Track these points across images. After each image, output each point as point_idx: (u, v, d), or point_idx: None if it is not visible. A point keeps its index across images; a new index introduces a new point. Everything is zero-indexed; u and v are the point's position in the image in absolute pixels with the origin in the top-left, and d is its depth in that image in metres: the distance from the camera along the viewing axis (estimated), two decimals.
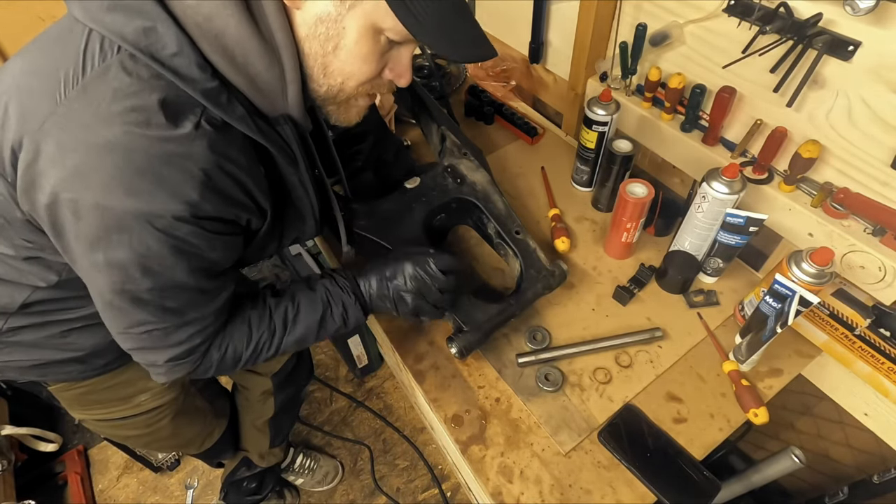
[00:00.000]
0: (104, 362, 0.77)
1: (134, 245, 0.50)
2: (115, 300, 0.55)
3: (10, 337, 0.68)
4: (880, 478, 0.86)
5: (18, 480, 1.39)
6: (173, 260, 0.52)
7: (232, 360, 0.67)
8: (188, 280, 0.55)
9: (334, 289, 0.72)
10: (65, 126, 0.47)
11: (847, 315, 0.77)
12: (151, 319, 0.57)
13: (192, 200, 0.49)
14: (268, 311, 0.69)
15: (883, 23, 0.60)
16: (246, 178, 0.54)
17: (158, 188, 0.48)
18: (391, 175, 0.99)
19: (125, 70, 0.47)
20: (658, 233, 0.99)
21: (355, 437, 1.60)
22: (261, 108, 0.55)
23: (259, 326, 0.68)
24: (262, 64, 0.51)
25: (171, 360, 0.62)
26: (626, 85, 0.97)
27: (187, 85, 0.48)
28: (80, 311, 0.68)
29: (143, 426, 0.92)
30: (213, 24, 0.48)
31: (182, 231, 0.51)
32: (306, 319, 0.70)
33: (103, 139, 0.46)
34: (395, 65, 0.59)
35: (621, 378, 0.82)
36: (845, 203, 0.73)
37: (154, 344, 0.60)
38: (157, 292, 0.55)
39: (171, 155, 0.48)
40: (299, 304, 0.70)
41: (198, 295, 0.59)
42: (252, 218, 0.58)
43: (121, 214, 0.48)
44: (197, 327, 0.61)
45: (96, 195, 0.47)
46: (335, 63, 0.55)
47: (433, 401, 0.82)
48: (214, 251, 0.56)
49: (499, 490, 0.73)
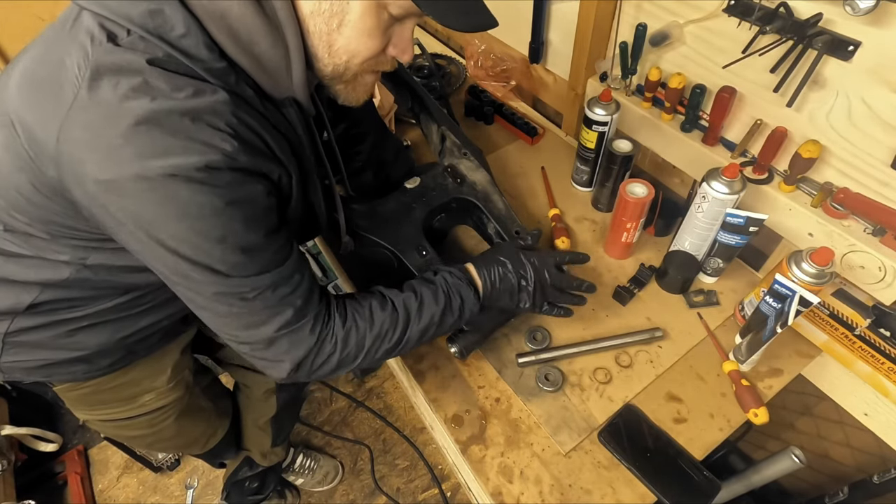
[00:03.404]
0: (109, 362, 0.77)
1: (188, 210, 0.49)
2: (195, 279, 0.54)
3: (17, 337, 0.68)
4: (880, 478, 0.86)
5: (18, 480, 1.39)
6: (228, 214, 0.51)
7: (355, 345, 0.64)
8: (251, 237, 0.54)
9: (453, 280, 0.71)
10: (87, 108, 0.47)
11: (847, 315, 0.77)
12: (238, 290, 0.55)
13: (225, 151, 0.49)
14: (388, 300, 0.67)
15: (883, 23, 0.60)
16: (267, 136, 0.54)
17: (191, 143, 0.47)
18: (391, 175, 0.99)
19: (136, 48, 0.48)
20: (658, 233, 0.99)
21: (355, 437, 1.60)
22: (266, 89, 0.55)
23: (382, 311, 0.65)
24: (266, 42, 0.52)
25: (282, 328, 0.59)
26: (626, 85, 0.97)
27: (196, 65, 0.49)
28: (87, 310, 0.68)
29: (147, 426, 0.92)
30: (218, 3, 0.49)
31: (223, 180, 0.50)
32: (430, 310, 0.68)
33: (129, 112, 0.46)
34: (399, 40, 0.59)
35: (621, 378, 0.82)
36: (845, 203, 0.73)
37: (254, 319, 0.58)
38: (228, 258, 0.53)
39: (198, 112, 0.48)
40: (422, 294, 0.68)
41: (270, 253, 0.57)
42: (282, 175, 0.57)
43: (161, 179, 0.47)
44: (287, 288, 0.58)
45: (133, 167, 0.47)
46: (340, 40, 0.55)
47: (433, 401, 0.82)
48: (260, 199, 0.54)
49: (499, 490, 0.73)
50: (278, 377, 0.63)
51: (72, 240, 0.59)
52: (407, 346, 0.68)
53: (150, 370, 0.85)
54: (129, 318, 0.72)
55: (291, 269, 0.59)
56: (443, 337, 0.85)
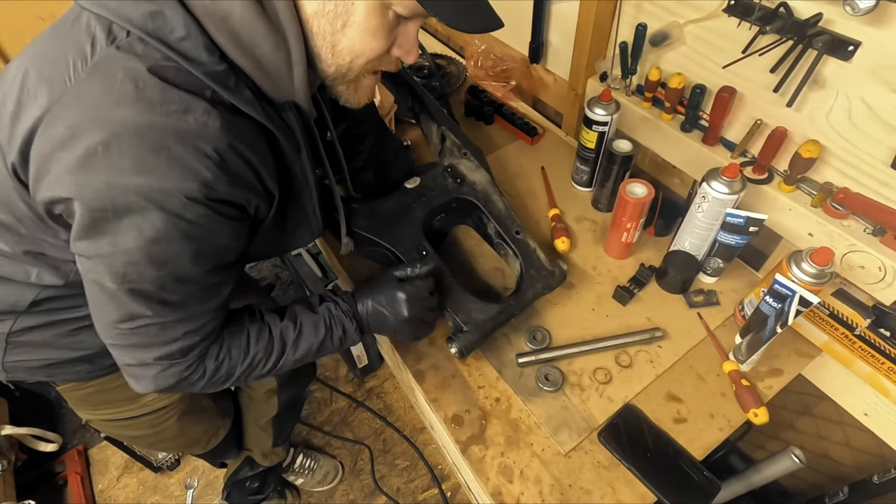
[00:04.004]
0: (112, 361, 0.76)
1: (143, 229, 0.48)
2: (115, 291, 0.53)
3: (20, 337, 0.68)
4: (880, 478, 0.86)
5: (18, 480, 1.39)
6: (181, 246, 0.51)
7: (225, 373, 0.64)
8: (193, 270, 0.54)
9: (337, 312, 0.72)
10: (75, 107, 0.47)
11: (847, 315, 0.77)
12: (148, 314, 0.55)
13: (206, 180, 0.48)
14: (267, 328, 0.67)
15: (883, 23, 0.60)
16: (257, 161, 0.53)
17: (172, 167, 0.46)
18: (391, 175, 0.99)
19: (135, 52, 0.47)
20: (658, 233, 0.99)
21: (355, 437, 1.60)
22: (267, 92, 0.55)
23: (257, 342, 0.66)
24: (267, 45, 0.51)
25: (162, 359, 0.59)
26: (626, 85, 0.97)
27: (196, 68, 0.48)
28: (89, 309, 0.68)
29: (149, 426, 0.92)
30: (219, 5, 0.48)
31: (193, 213, 0.49)
32: (308, 341, 0.69)
33: (116, 118, 0.45)
34: (403, 41, 0.59)
35: (621, 378, 0.82)
36: (845, 203, 0.73)
37: (147, 341, 0.57)
38: (159, 283, 0.53)
39: (185, 133, 0.47)
40: (301, 325, 0.69)
41: (200, 289, 0.57)
42: (261, 204, 0.57)
43: (132, 194, 0.46)
44: (194, 325, 0.59)
45: (108, 175, 0.46)
46: (344, 41, 0.55)
47: (433, 401, 0.82)
48: (223, 238, 0.54)
49: (499, 490, 0.73)
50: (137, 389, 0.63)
51: (56, 237, 0.58)
52: (282, 369, 0.69)
53: None
54: None
55: (210, 309, 0.59)
56: (443, 337, 0.85)
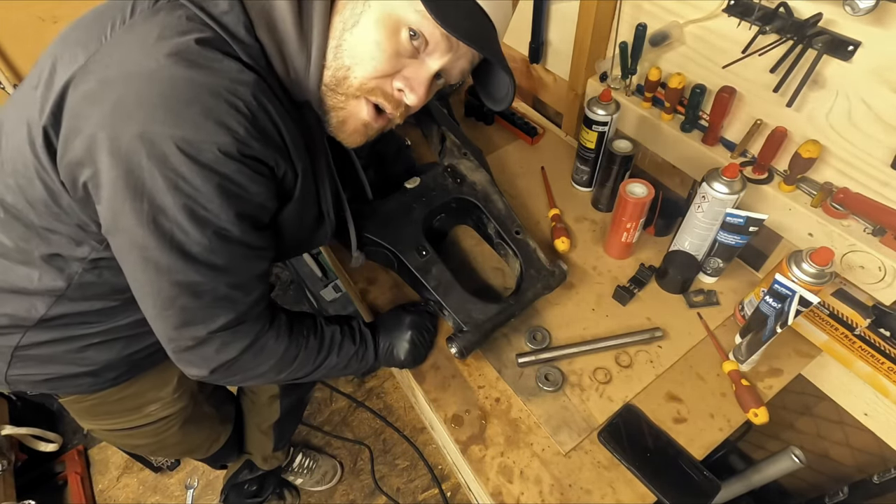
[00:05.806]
0: (115, 375, 0.76)
1: (180, 185, 0.47)
2: (161, 258, 0.51)
3: (27, 351, 0.67)
4: (880, 478, 0.86)
5: (18, 480, 1.39)
6: (220, 203, 0.50)
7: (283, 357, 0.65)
8: (235, 229, 0.53)
9: (367, 334, 0.77)
10: (108, 62, 0.47)
11: (847, 315, 0.77)
12: (198, 280, 0.53)
13: (238, 135, 0.48)
14: (321, 325, 0.72)
15: (883, 23, 0.60)
16: (284, 128, 0.53)
17: (205, 118, 0.46)
18: (391, 174, 0.99)
19: (175, 12, 0.48)
20: (658, 233, 0.99)
21: (355, 437, 1.60)
22: (288, 87, 0.56)
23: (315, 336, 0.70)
24: (294, 46, 0.53)
25: (220, 330, 0.57)
26: (626, 85, 0.97)
27: (232, 40, 0.49)
28: (101, 326, 0.67)
29: (152, 435, 0.91)
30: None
31: (228, 168, 0.49)
32: (347, 349, 0.74)
33: (148, 69, 0.45)
34: (411, 74, 0.57)
35: (621, 378, 0.82)
36: (845, 203, 0.73)
37: (198, 312, 0.56)
38: (205, 245, 0.52)
39: (218, 87, 0.46)
40: (344, 333, 0.74)
41: (244, 250, 0.56)
42: (287, 171, 0.56)
43: (167, 145, 0.45)
44: (244, 293, 0.58)
45: (140, 125, 0.45)
46: (349, 40, 0.55)
47: (433, 401, 0.82)
48: (259, 195, 0.53)
49: (499, 490, 0.73)
50: (193, 373, 0.61)
51: (68, 225, 0.57)
52: (313, 373, 0.71)
53: (156, 381, 0.84)
54: (141, 335, 0.71)
55: (256, 274, 0.59)
56: (443, 337, 0.85)
